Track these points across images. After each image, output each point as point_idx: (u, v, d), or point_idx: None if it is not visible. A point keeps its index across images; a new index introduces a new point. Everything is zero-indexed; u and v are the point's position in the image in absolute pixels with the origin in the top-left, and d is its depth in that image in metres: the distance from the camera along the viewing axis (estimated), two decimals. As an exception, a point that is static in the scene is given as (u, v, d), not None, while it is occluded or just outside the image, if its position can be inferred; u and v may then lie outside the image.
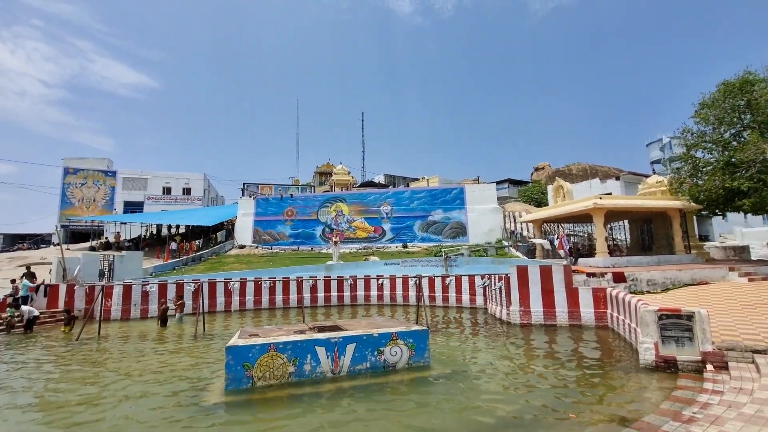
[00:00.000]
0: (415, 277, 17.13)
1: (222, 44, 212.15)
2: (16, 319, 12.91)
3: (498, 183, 41.27)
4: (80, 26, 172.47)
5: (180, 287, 16.63)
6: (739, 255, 21.37)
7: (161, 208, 44.27)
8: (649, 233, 21.68)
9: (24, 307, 13.32)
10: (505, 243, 27.49)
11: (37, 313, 13.58)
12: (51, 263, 19.58)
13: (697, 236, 22.24)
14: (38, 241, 41.06)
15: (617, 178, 30.60)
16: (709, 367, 6.25)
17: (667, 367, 6.73)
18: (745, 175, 14.80)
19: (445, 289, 17.69)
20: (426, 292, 16.99)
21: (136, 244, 34.47)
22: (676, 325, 6.84)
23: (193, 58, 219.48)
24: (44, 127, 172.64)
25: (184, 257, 27.71)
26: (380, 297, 19.19)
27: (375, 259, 25.15)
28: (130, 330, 13.26)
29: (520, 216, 29.81)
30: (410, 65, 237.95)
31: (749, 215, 19.00)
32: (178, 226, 37.24)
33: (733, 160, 15.53)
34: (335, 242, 24.97)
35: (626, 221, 23.93)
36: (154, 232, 38.50)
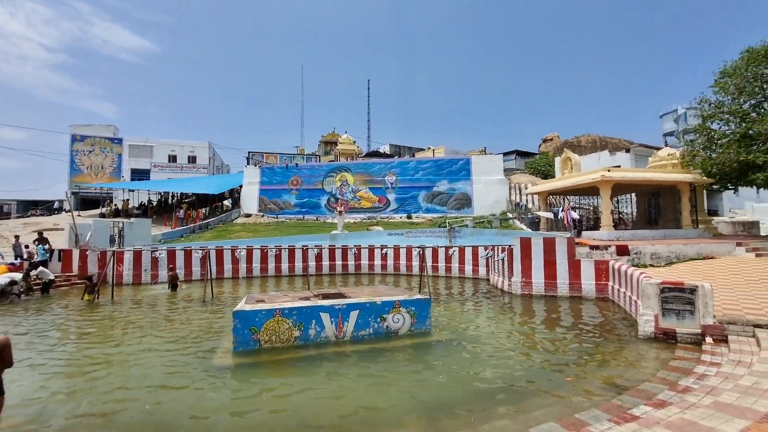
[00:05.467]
0: (418, 247, 17.24)
1: (224, 5, 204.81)
2: (34, 282, 13.30)
3: (505, 154, 40.52)
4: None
5: (188, 254, 16.95)
6: (748, 230, 21.09)
7: (167, 176, 44.32)
8: (656, 207, 21.42)
9: (38, 269, 13.65)
10: (510, 215, 27.40)
11: (52, 276, 13.99)
12: (63, 229, 19.95)
13: (706, 211, 21.92)
14: (50, 207, 41.63)
15: (627, 150, 29.78)
16: (708, 339, 6.32)
17: (666, 339, 6.84)
18: (761, 148, 14.40)
19: (448, 259, 17.84)
20: (429, 263, 17.14)
21: (144, 211, 34.90)
22: (678, 298, 6.88)
23: (194, 21, 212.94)
24: (48, 93, 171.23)
25: (192, 225, 28.06)
26: (384, 266, 19.43)
27: (379, 229, 25.27)
28: (141, 294, 13.66)
29: (526, 188, 29.52)
30: (418, 31, 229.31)
31: (762, 190, 18.61)
32: (183, 195, 37.46)
33: (750, 132, 15.05)
34: (340, 212, 25.05)
35: (633, 194, 23.62)
36: (162, 200, 38.82)
